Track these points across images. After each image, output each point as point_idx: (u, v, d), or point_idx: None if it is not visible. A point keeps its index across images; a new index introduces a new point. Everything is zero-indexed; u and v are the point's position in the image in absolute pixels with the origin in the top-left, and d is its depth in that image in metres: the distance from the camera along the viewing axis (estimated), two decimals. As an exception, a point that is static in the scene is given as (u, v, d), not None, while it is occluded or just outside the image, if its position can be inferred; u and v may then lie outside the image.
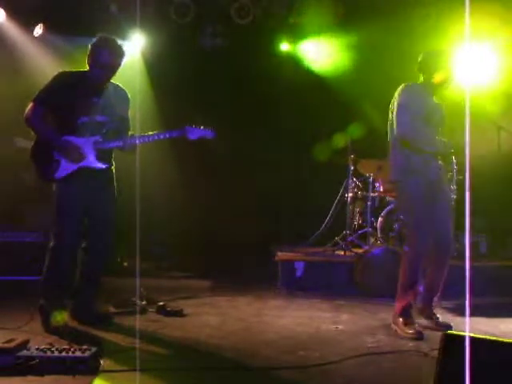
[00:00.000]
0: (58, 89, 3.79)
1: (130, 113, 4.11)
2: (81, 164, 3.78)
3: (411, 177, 3.95)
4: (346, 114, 7.05)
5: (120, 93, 4.04)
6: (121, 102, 4.02)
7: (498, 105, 6.18)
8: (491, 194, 4.66)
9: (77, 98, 3.79)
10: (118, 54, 3.85)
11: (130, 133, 4.00)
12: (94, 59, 3.81)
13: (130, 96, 4.10)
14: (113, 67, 3.84)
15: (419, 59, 4.12)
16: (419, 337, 3.73)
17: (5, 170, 5.58)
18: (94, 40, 3.86)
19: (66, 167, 3.76)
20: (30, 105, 3.79)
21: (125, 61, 3.94)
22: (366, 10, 6.80)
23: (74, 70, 3.97)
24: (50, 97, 3.78)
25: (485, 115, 5.63)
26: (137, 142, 3.92)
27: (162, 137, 3.92)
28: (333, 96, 7.12)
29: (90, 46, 3.85)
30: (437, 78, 4.00)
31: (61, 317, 3.72)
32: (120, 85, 4.05)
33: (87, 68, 3.88)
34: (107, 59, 3.80)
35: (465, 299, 4.23)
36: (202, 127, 3.97)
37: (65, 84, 3.81)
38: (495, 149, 6.39)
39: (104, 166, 3.89)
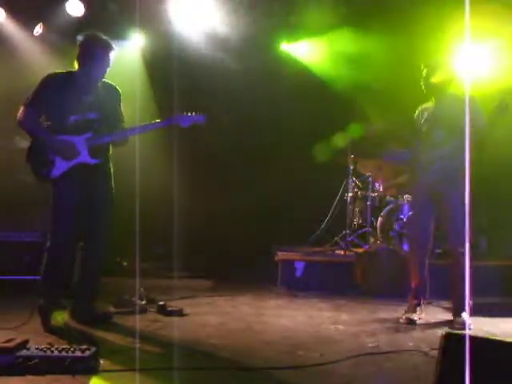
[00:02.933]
0: (46, 91, 3.82)
1: (129, 112, 4.13)
2: (75, 161, 3.80)
3: (413, 180, 4.54)
4: (345, 113, 7.05)
5: (109, 88, 4.05)
6: (111, 97, 4.03)
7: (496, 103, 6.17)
8: (491, 193, 4.67)
9: (66, 98, 3.81)
10: (108, 48, 3.89)
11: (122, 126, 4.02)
12: (84, 56, 3.85)
13: (120, 90, 4.11)
14: (104, 62, 3.88)
15: None
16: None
17: (4, 170, 5.57)
18: (81, 38, 3.89)
19: (60, 166, 3.78)
20: (21, 108, 3.82)
21: (124, 60, 3.96)
22: (367, 10, 6.80)
23: (64, 70, 3.97)
24: (40, 99, 3.81)
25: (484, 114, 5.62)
26: (128, 134, 3.93)
27: (154, 127, 3.94)
28: (333, 96, 7.12)
29: (78, 44, 3.88)
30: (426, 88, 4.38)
31: (60, 316, 3.72)
32: (108, 80, 4.05)
33: (76, 66, 3.90)
34: (98, 54, 3.84)
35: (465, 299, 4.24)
36: (193, 113, 3.98)
37: (53, 85, 3.83)
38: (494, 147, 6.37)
39: (97, 162, 3.89)
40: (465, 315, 4.15)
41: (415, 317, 4.24)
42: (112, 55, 3.91)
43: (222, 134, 6.85)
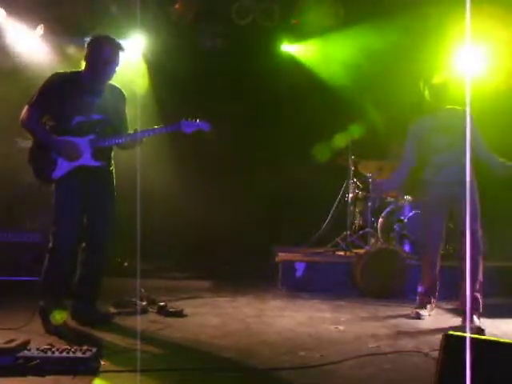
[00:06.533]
0: (51, 91, 3.79)
1: (130, 112, 4.12)
2: (77, 163, 3.79)
3: (424, 188, 4.68)
4: (346, 114, 7.05)
5: (115, 91, 4.03)
6: (117, 100, 4.02)
7: (496, 104, 6.17)
8: (491, 193, 4.68)
9: (71, 99, 3.79)
10: (118, 49, 3.87)
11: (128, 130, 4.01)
12: (94, 56, 3.82)
13: (125, 94, 4.10)
14: (114, 63, 3.85)
15: None
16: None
17: (5, 170, 5.57)
18: (91, 38, 3.88)
19: (62, 167, 3.77)
20: (25, 108, 3.81)
21: (125, 60, 3.94)
22: (367, 11, 6.80)
23: (68, 70, 3.96)
24: (44, 99, 3.79)
25: (484, 115, 5.64)
26: (131, 138, 3.91)
27: (157, 132, 3.93)
28: (333, 96, 7.12)
29: (87, 45, 3.86)
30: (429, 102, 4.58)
31: (60, 317, 3.72)
32: (115, 83, 4.04)
33: (83, 67, 3.89)
34: (108, 55, 3.82)
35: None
36: (197, 120, 3.97)
37: (58, 85, 3.82)
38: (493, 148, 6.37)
39: (99, 164, 3.89)
40: (476, 320, 4.17)
41: (424, 313, 4.45)
42: (121, 56, 3.90)
43: (223, 134, 6.83)
